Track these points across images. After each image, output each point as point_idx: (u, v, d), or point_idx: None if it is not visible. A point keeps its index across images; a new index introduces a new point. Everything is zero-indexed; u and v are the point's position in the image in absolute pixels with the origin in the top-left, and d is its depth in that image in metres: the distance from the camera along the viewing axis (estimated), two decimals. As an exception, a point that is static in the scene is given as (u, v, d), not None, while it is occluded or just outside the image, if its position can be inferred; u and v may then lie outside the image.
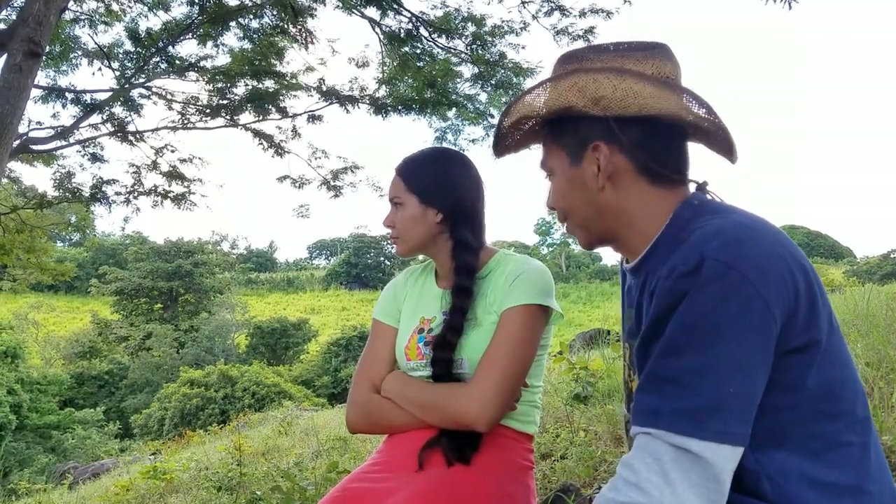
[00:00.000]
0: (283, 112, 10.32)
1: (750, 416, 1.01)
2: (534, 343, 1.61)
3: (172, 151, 10.93)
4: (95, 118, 9.95)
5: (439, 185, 1.72)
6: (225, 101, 10.28)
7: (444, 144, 10.10)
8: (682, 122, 1.15)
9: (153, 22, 9.82)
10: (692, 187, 1.23)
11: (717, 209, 1.15)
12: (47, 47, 6.92)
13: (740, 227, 1.06)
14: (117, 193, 10.77)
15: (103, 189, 10.70)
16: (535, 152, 1.35)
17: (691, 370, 1.00)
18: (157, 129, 10.53)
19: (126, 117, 10.21)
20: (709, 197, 1.21)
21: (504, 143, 1.34)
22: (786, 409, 1.05)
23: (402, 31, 9.35)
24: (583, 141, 1.19)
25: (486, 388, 1.53)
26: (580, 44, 8.52)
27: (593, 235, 1.27)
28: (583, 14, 8.77)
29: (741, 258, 1.01)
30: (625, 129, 1.16)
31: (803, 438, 1.05)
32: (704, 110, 1.14)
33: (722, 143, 1.19)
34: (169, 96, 10.36)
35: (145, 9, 9.66)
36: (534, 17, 9.00)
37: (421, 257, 1.86)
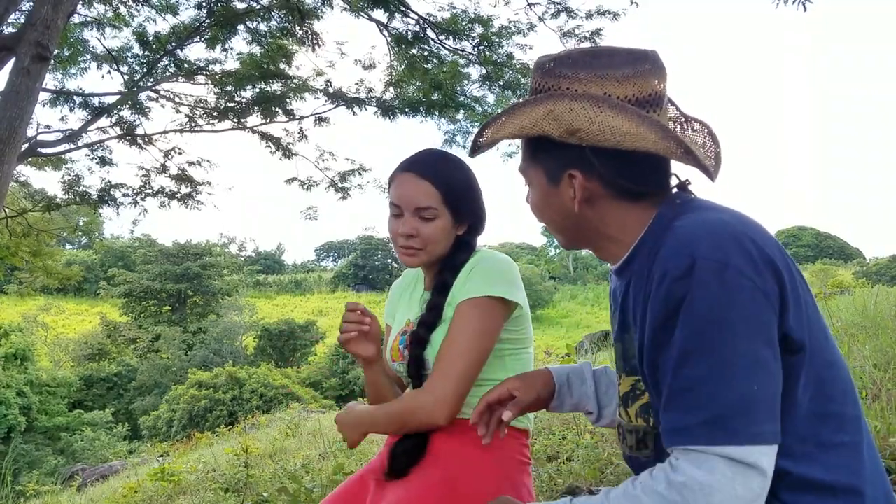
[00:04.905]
0: (291, 114, 10.35)
1: (777, 412, 0.99)
2: (487, 335, 1.56)
3: (180, 154, 10.98)
4: (104, 121, 10.02)
5: (470, 200, 1.67)
6: (232, 104, 10.32)
7: (454, 147, 10.04)
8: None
9: (161, 26, 9.90)
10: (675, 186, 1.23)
11: (699, 207, 1.14)
12: (55, 51, 6.96)
13: (727, 225, 1.05)
14: (125, 195, 10.81)
15: (111, 192, 10.74)
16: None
17: (710, 377, 0.98)
18: (165, 132, 10.57)
19: (134, 120, 10.27)
20: (691, 197, 1.20)
21: (481, 150, 1.33)
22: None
23: (409, 33, 9.36)
24: (559, 166, 1.19)
25: (436, 386, 1.53)
26: (586, 46, 8.48)
27: (571, 241, 1.30)
28: (589, 16, 8.76)
29: (734, 254, 1.00)
30: (601, 158, 1.14)
31: (796, 441, 1.03)
32: (682, 150, 1.11)
33: (702, 170, 1.18)
34: (177, 99, 10.41)
35: (154, 12, 9.72)
36: (540, 19, 8.99)
37: None
